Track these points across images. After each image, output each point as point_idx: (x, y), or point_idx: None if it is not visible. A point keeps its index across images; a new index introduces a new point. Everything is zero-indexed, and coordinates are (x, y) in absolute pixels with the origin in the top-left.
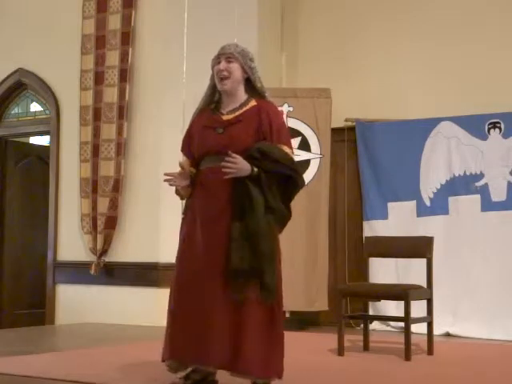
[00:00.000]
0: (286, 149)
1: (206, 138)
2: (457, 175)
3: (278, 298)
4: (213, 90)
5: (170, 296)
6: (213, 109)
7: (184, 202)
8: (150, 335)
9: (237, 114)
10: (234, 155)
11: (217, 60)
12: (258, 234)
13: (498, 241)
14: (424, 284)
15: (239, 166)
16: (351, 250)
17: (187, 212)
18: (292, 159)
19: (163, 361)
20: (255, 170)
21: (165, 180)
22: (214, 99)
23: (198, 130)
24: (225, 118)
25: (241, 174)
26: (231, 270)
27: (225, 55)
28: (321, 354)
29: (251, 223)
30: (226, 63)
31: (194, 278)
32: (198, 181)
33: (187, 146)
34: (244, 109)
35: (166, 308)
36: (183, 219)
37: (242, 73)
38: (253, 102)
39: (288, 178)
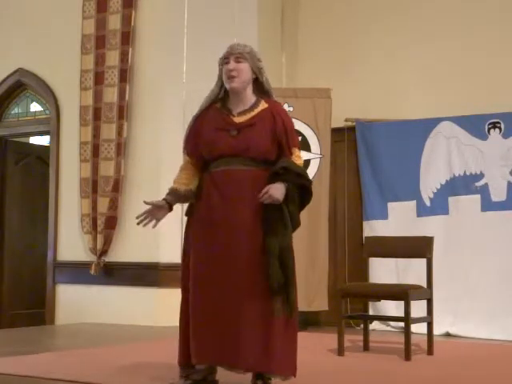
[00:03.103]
0: (297, 159)
1: (218, 140)
2: (457, 175)
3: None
4: (219, 87)
5: (184, 300)
6: (220, 108)
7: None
8: (150, 335)
9: (249, 116)
10: (264, 191)
11: (225, 60)
12: (286, 250)
13: (498, 241)
14: (424, 284)
15: (275, 193)
16: (351, 250)
17: (195, 215)
18: (306, 172)
19: (180, 365)
20: (285, 184)
21: (137, 223)
22: (218, 97)
23: (207, 130)
24: (237, 120)
25: (282, 197)
26: (270, 286)
27: (234, 55)
28: (321, 353)
29: (282, 239)
30: (235, 63)
31: (214, 281)
32: (209, 183)
33: (192, 144)
34: (256, 111)
35: (166, 308)
36: (189, 221)
37: (250, 73)
38: (263, 104)
39: (303, 188)
